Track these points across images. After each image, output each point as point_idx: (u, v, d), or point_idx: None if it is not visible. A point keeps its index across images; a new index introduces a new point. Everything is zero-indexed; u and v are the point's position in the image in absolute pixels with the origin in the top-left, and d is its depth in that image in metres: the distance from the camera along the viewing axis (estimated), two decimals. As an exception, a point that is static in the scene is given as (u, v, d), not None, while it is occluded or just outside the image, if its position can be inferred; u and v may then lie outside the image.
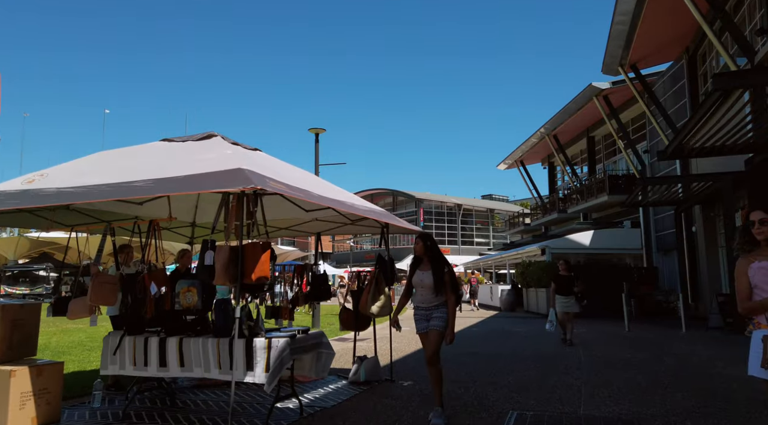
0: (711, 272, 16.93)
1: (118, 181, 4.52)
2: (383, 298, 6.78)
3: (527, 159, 36.19)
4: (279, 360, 4.41)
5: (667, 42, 18.24)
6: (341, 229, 7.45)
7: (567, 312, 10.91)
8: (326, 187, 6.19)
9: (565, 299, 10.86)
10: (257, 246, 4.37)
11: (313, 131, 14.70)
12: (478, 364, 8.44)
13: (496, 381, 6.99)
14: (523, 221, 38.45)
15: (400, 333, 14.05)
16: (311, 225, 7.38)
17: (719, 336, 12.58)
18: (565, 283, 10.92)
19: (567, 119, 27.18)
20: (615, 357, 9.16)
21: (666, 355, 9.37)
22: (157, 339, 4.75)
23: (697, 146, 11.32)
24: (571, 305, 10.88)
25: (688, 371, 7.73)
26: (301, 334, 4.97)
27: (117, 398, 5.84)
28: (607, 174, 24.80)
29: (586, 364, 8.37)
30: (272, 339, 4.45)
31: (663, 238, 20.93)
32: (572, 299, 10.86)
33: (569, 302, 10.85)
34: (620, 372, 7.66)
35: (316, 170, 14.76)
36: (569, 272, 11.02)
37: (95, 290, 4.79)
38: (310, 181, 6.00)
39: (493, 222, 65.52)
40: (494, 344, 11.25)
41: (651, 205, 18.85)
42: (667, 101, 19.83)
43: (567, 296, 10.85)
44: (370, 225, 7.22)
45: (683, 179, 15.59)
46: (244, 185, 3.92)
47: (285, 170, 5.68)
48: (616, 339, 11.85)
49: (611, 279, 18.43)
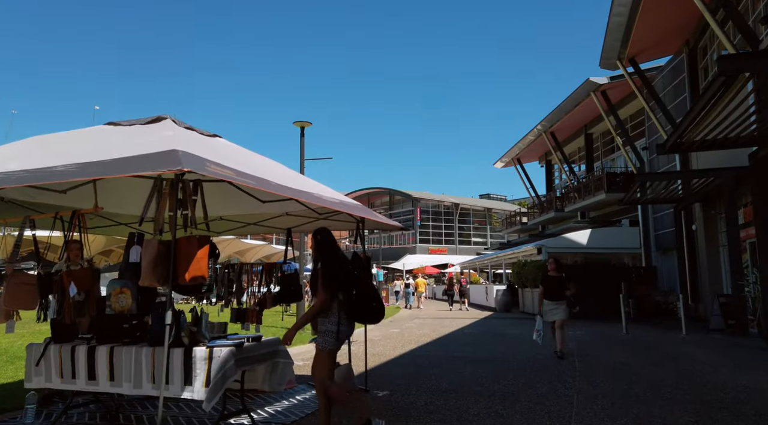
0: (712, 272, 16.36)
1: (41, 166, 3.93)
2: (357, 300, 6.17)
3: (524, 157, 35.60)
4: (221, 374, 3.82)
5: (667, 34, 17.65)
6: (314, 224, 6.84)
7: (557, 320, 9.27)
8: (293, 178, 5.59)
9: (553, 305, 9.28)
10: (193, 241, 3.76)
11: (298, 124, 14.07)
12: (463, 370, 7.84)
13: (481, 391, 6.39)
14: (520, 220, 37.86)
15: (386, 335, 13.59)
16: (282, 220, 6.77)
17: (721, 338, 12.00)
18: (554, 285, 9.35)
19: (564, 115, 26.58)
20: (612, 362, 8.57)
21: (666, 360, 8.79)
22: (86, 348, 4.14)
23: (698, 138, 10.74)
24: (561, 312, 9.23)
25: (690, 379, 7.14)
26: (251, 342, 4.35)
27: (56, 412, 5.24)
28: (605, 171, 24.20)
29: (580, 371, 7.78)
30: (214, 349, 3.85)
31: (662, 237, 20.36)
32: (562, 304, 9.24)
33: (558, 309, 9.24)
34: (617, 380, 7.07)
35: (302, 165, 14.16)
36: (560, 273, 9.49)
37: (11, 293, 4.19)
38: (274, 170, 5.40)
39: (490, 222, 64.94)
40: (484, 347, 10.64)
41: (650, 203, 18.26)
42: (667, 96, 19.25)
43: (556, 301, 9.28)
44: (346, 220, 6.62)
45: (683, 174, 15.00)
46: (173, 167, 3.32)
47: (243, 157, 5.08)
48: (613, 343, 11.25)
49: (609, 279, 17.88)
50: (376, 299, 4.46)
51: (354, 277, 4.42)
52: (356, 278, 4.43)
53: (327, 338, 4.26)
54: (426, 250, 57.57)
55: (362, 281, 4.49)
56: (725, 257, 15.96)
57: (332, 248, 4.43)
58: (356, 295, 4.40)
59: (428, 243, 59.12)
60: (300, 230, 7.07)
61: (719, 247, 16.30)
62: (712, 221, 16.55)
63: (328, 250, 4.44)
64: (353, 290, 4.39)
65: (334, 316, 4.24)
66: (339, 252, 4.47)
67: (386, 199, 64.23)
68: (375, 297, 4.46)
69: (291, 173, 5.95)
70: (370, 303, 4.39)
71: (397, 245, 60.30)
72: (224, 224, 6.92)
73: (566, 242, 22.79)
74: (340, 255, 4.47)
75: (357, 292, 4.39)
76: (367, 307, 4.38)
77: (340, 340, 4.30)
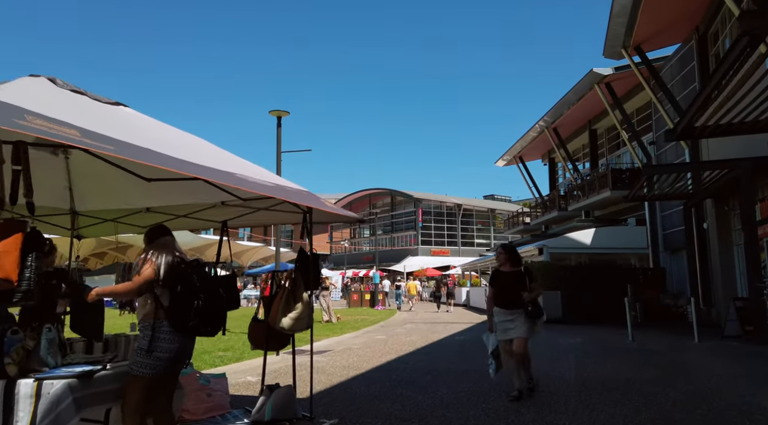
0: (725, 274, 15.12)
1: None
2: (300, 307, 5.06)
3: (526, 155, 34.42)
4: (52, 418, 2.71)
5: (675, 20, 16.46)
6: (252, 216, 5.74)
7: (513, 340, 5.92)
8: (214, 156, 4.47)
9: (508, 316, 5.98)
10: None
11: (274, 114, 13.01)
12: (440, 388, 6.69)
13: (451, 418, 5.25)
14: (522, 221, 36.68)
15: (368, 343, 12.33)
16: (216, 212, 5.67)
17: (737, 346, 10.81)
18: (508, 286, 6.06)
19: (567, 109, 25.39)
20: (614, 377, 7.40)
21: (678, 375, 7.62)
22: None
23: (711, 123, 9.57)
24: (518, 327, 5.89)
25: (705, 398, 5.98)
26: (110, 370, 3.22)
27: None
28: (610, 168, 23.00)
29: (575, 390, 6.62)
30: (44, 383, 2.75)
31: (671, 236, 19.14)
32: (520, 316, 5.91)
33: (515, 322, 5.92)
34: (619, 402, 5.92)
35: (278, 158, 13.09)
36: (515, 267, 6.20)
37: None
38: (189, 145, 4.29)
39: (494, 223, 63.66)
40: (471, 358, 9.39)
41: (657, 199, 17.06)
42: (675, 87, 18.04)
43: (511, 309, 5.97)
44: (291, 210, 5.50)
45: (693, 166, 13.81)
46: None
47: (142, 130, 3.98)
48: (617, 352, 10.08)
49: (613, 281, 16.70)
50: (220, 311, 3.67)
51: (189, 276, 3.44)
52: (190, 277, 3.45)
53: (137, 357, 3.27)
54: (428, 252, 56.33)
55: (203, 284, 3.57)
56: (740, 257, 14.75)
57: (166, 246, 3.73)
58: (185, 296, 3.45)
59: (430, 245, 57.88)
60: (238, 223, 5.96)
61: (733, 246, 15.09)
62: (725, 218, 15.33)
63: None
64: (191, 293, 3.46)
65: (149, 326, 3.24)
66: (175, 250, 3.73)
67: (388, 200, 63.15)
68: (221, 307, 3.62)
69: (218, 153, 4.82)
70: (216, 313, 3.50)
71: (399, 247, 59.15)
72: (151, 218, 5.82)
73: (569, 242, 21.66)
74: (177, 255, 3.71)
75: (184, 291, 3.45)
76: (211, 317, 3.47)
77: (160, 361, 3.32)
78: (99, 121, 3.41)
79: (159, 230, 3.85)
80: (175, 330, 3.44)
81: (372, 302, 29.17)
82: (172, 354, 3.40)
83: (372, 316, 21.63)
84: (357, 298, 30.49)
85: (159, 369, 3.32)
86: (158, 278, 3.43)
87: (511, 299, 6.00)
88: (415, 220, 57.98)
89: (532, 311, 5.97)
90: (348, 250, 61.77)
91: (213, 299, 3.57)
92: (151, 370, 3.29)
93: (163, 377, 3.39)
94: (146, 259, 3.44)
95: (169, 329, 3.41)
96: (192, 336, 3.63)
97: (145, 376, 3.26)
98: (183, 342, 3.50)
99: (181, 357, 3.56)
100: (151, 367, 3.29)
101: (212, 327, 3.63)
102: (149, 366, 3.29)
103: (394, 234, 61.48)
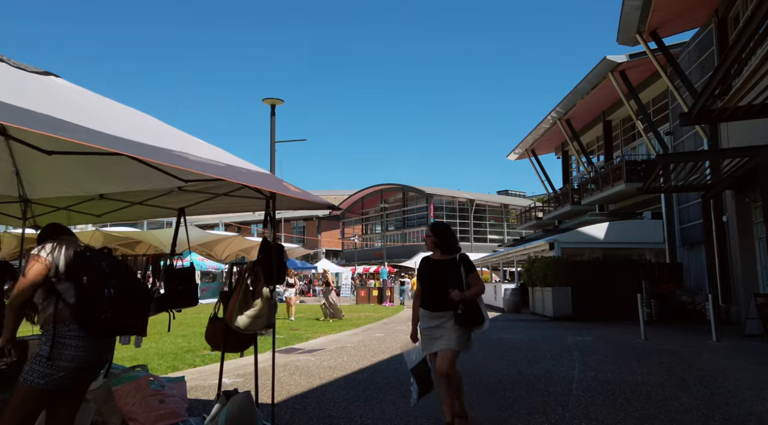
0: (745, 269, 14.32)
1: None
2: (259, 304, 4.49)
3: (539, 148, 33.55)
4: None
5: (693, 2, 15.60)
6: (212, 203, 5.19)
7: (440, 352, 4.44)
8: (161, 133, 3.90)
9: (434, 321, 4.51)
10: None
11: (268, 102, 12.48)
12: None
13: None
14: (535, 216, 35.86)
15: (364, 341, 11.71)
16: (172, 198, 5.13)
17: (758, 346, 10.07)
18: (436, 280, 4.58)
19: (580, 99, 24.52)
20: (623, 380, 6.75)
21: (692, 378, 6.94)
22: None
23: (731, 105, 8.84)
24: (446, 336, 4.43)
25: (722, 405, 5.32)
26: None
27: None
28: (624, 160, 22.15)
29: (579, 395, 5.99)
30: None
31: (688, 230, 18.30)
32: (448, 319, 4.43)
33: (442, 329, 4.45)
34: (628, 410, 5.28)
35: (272, 148, 12.56)
36: (449, 254, 4.68)
37: None
38: (127, 121, 3.74)
39: (507, 218, 62.73)
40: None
41: (674, 191, 16.23)
42: (693, 75, 17.16)
43: (437, 312, 4.50)
44: (254, 196, 4.93)
45: (712, 154, 13.02)
46: None
47: (83, 102, 3.44)
48: (627, 352, 9.39)
49: (627, 277, 15.98)
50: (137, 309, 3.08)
51: (96, 262, 2.86)
52: (97, 263, 2.87)
53: (34, 365, 2.76)
54: (440, 248, 55.54)
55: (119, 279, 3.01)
56: (762, 252, 13.94)
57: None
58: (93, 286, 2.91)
59: (442, 241, 57.08)
60: (196, 210, 5.41)
61: (754, 240, 14.26)
62: (745, 210, 14.50)
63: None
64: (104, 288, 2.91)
65: (50, 330, 2.69)
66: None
67: (399, 195, 62.54)
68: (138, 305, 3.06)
69: (168, 131, 4.26)
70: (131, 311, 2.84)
71: (410, 243, 58.53)
72: (105, 205, 5.29)
73: (581, 236, 20.86)
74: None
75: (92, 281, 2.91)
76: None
77: (61, 371, 2.81)
78: (19, 93, 2.87)
79: (52, 227, 3.28)
80: (86, 330, 2.90)
81: (380, 298, 28.70)
82: (78, 364, 2.86)
83: (377, 313, 21.11)
84: (364, 294, 30.04)
85: (60, 379, 2.80)
86: (58, 273, 2.89)
87: (439, 298, 4.47)
88: (427, 215, 57.28)
89: (463, 316, 4.36)
90: (359, 246, 61.31)
91: (128, 286, 3.03)
92: (49, 380, 2.76)
93: (64, 389, 2.85)
94: (31, 257, 2.89)
95: (77, 333, 2.87)
96: (107, 335, 3.08)
97: (38, 387, 2.73)
98: (94, 347, 2.95)
99: (92, 364, 3.01)
100: (49, 377, 2.76)
101: (131, 319, 3.07)
102: (46, 375, 2.76)
103: (406, 230, 60.87)
